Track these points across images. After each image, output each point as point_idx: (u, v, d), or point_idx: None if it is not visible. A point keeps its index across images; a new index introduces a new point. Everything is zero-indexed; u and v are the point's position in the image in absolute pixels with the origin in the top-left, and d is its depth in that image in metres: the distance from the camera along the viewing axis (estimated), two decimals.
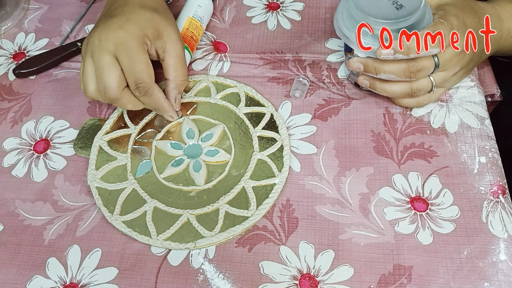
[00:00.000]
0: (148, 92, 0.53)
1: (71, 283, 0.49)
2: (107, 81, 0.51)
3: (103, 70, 0.51)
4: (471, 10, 0.54)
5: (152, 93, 0.53)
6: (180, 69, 0.56)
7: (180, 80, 0.56)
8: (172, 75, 0.56)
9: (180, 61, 0.56)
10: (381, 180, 0.53)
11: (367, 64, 0.53)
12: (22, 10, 0.72)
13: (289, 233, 0.50)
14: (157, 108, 0.56)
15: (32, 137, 0.59)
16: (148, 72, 0.52)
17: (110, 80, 0.51)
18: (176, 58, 0.55)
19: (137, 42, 0.52)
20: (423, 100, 0.56)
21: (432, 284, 0.47)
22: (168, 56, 0.55)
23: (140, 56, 0.52)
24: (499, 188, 0.51)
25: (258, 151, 0.55)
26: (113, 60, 0.52)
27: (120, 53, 0.51)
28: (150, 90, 0.53)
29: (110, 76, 0.51)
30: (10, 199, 0.54)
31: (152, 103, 0.55)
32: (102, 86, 0.52)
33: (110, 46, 0.51)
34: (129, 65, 0.51)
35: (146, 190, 0.53)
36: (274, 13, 0.68)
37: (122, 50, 0.51)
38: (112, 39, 0.51)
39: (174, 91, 0.56)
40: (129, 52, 0.51)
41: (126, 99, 0.53)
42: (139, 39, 0.52)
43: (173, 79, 0.56)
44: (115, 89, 0.52)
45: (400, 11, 0.51)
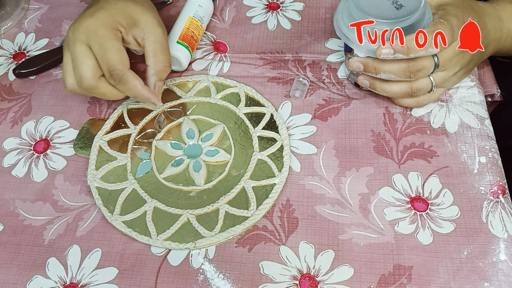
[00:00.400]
0: (123, 80, 0.52)
1: (71, 283, 0.49)
2: (81, 70, 0.51)
3: (77, 61, 0.51)
4: (471, 10, 0.54)
5: (127, 80, 0.52)
6: (160, 54, 0.54)
7: (160, 65, 0.55)
8: (151, 60, 0.54)
9: (160, 46, 0.55)
10: (381, 180, 0.53)
11: (367, 64, 0.53)
12: (22, 10, 0.72)
13: (289, 233, 0.50)
14: (136, 96, 0.54)
15: (32, 137, 0.59)
16: (121, 59, 0.52)
17: (84, 70, 0.51)
18: (155, 43, 0.54)
19: (108, 29, 0.51)
20: (423, 100, 0.56)
21: (432, 284, 0.47)
22: (147, 42, 0.54)
23: (111, 42, 0.51)
24: (499, 188, 0.51)
25: (258, 151, 0.55)
26: (86, 50, 0.51)
27: (91, 41, 0.51)
28: (125, 77, 0.52)
29: (84, 65, 0.51)
30: (10, 199, 0.54)
31: (129, 91, 0.53)
32: (78, 76, 0.51)
33: (82, 36, 0.51)
34: (101, 53, 0.51)
35: (146, 190, 0.53)
36: (274, 13, 0.68)
37: (93, 37, 0.51)
38: (83, 28, 0.51)
39: (153, 77, 0.55)
40: (100, 39, 0.51)
41: (104, 88, 0.53)
42: (110, 25, 0.52)
43: (152, 64, 0.54)
44: (90, 78, 0.51)
45: (400, 11, 0.51)
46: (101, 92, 0.53)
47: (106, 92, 0.53)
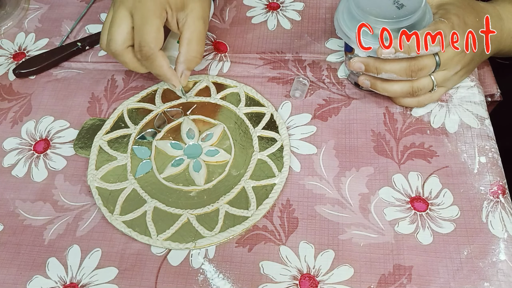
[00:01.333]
0: (150, 58, 0.52)
1: (71, 283, 0.49)
2: (114, 33, 0.51)
3: (114, 23, 0.51)
4: (472, 9, 0.54)
5: (154, 59, 0.52)
6: (195, 44, 0.54)
7: (192, 55, 0.54)
8: (184, 48, 0.54)
9: (197, 37, 0.54)
10: (381, 180, 0.53)
11: (368, 64, 0.53)
12: (22, 10, 0.72)
13: (289, 233, 0.50)
14: (159, 75, 0.54)
15: (32, 137, 0.59)
16: (156, 37, 0.51)
17: (116, 34, 0.51)
18: (192, 32, 0.54)
19: (155, 5, 0.51)
20: (424, 100, 0.56)
21: (432, 284, 0.47)
22: (185, 29, 0.54)
23: (153, 19, 0.51)
24: (499, 188, 0.51)
25: (258, 151, 0.55)
26: (127, 16, 0.51)
27: (135, 10, 0.51)
28: (153, 56, 0.52)
29: (119, 29, 0.51)
30: (10, 199, 0.54)
31: (153, 69, 0.54)
32: (109, 38, 0.52)
33: (130, 2, 0.51)
34: (139, 25, 0.51)
35: (146, 190, 0.53)
36: (274, 13, 0.68)
37: (139, 7, 0.51)
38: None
39: (182, 65, 0.55)
40: (144, 11, 0.51)
41: (128, 58, 0.53)
42: (159, 3, 0.51)
43: (184, 52, 0.54)
44: (118, 44, 0.51)
45: (401, 11, 0.51)
46: (123, 60, 0.53)
47: (129, 61, 0.53)
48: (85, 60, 0.66)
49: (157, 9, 0.51)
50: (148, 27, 0.51)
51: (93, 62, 0.65)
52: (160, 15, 0.51)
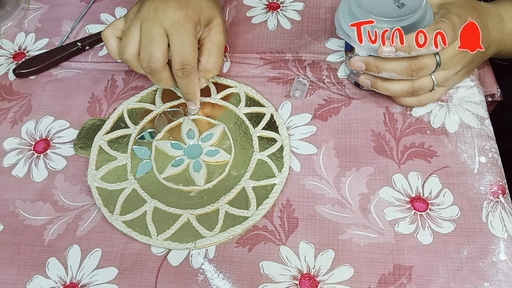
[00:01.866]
0: (190, 76, 0.54)
1: (71, 283, 0.49)
2: (155, 51, 0.52)
3: (153, 40, 0.52)
4: (473, 9, 0.54)
5: (193, 77, 0.54)
6: (215, 55, 0.56)
7: (211, 65, 0.56)
8: (205, 58, 0.56)
9: (218, 49, 0.56)
10: (381, 180, 0.53)
11: (368, 63, 0.53)
12: (22, 10, 0.72)
13: (289, 233, 0.50)
14: (189, 92, 0.56)
15: (32, 137, 0.59)
16: (195, 57, 0.53)
17: (158, 52, 0.52)
18: (214, 44, 0.56)
19: (193, 26, 0.53)
20: (424, 99, 0.56)
21: (432, 284, 0.47)
22: (207, 41, 0.56)
23: (192, 39, 0.53)
24: (499, 188, 0.51)
25: (258, 151, 0.55)
26: (164, 34, 0.52)
27: (174, 31, 0.52)
28: (193, 74, 0.54)
29: (160, 48, 0.52)
30: (10, 199, 0.54)
31: (187, 87, 0.55)
32: (147, 55, 0.52)
33: (166, 22, 0.52)
34: (179, 45, 0.52)
35: (146, 190, 0.53)
36: (274, 13, 0.68)
37: (178, 29, 0.52)
38: (171, 15, 0.52)
39: (200, 73, 0.57)
40: (184, 33, 0.52)
41: (165, 75, 0.54)
42: (194, 23, 0.53)
43: (204, 62, 0.56)
44: (160, 61, 0.52)
45: (401, 10, 0.51)
46: (160, 77, 0.54)
47: (164, 79, 0.54)
48: (85, 60, 0.66)
49: (194, 29, 0.53)
50: (190, 48, 0.52)
51: (93, 62, 0.65)
52: (196, 35, 0.54)
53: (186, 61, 0.53)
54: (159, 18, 0.52)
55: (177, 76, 0.54)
